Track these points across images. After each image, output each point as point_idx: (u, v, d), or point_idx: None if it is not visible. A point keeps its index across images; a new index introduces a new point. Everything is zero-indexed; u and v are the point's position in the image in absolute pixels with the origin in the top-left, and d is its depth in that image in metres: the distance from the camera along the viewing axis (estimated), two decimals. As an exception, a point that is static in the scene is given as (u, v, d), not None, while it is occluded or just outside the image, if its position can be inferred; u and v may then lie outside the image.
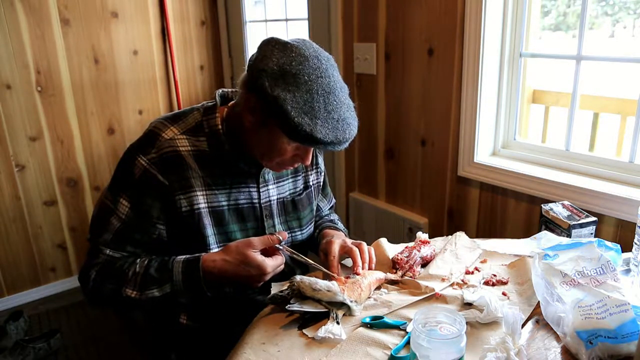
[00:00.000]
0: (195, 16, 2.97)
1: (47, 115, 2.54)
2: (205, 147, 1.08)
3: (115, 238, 1.07)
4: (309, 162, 1.08)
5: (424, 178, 2.11)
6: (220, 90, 1.14)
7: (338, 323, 0.95)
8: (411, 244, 1.23)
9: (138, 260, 1.07)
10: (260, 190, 1.16)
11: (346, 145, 1.01)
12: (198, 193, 1.07)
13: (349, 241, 1.15)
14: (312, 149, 1.05)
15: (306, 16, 2.46)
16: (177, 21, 2.89)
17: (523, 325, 0.94)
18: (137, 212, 1.06)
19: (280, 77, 0.93)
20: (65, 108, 2.59)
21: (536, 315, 0.98)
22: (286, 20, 2.70)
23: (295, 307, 0.97)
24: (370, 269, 1.11)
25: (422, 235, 1.27)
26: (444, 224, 2.07)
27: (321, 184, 1.35)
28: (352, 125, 1.00)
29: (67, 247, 2.76)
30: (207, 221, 1.09)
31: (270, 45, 0.97)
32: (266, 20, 2.89)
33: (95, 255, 1.08)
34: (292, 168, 1.14)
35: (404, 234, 2.19)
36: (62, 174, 2.66)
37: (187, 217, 1.07)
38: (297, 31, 2.64)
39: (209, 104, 1.13)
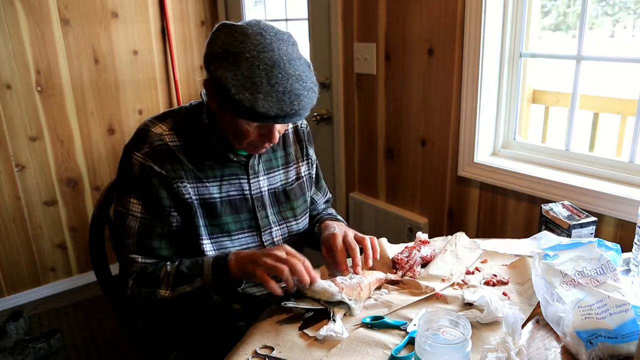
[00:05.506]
0: (195, 16, 2.97)
1: (47, 115, 2.54)
2: (193, 142, 1.11)
3: (139, 239, 1.08)
4: (276, 140, 1.07)
5: (424, 178, 2.11)
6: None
7: (334, 321, 0.95)
8: (411, 244, 1.23)
9: (169, 263, 1.09)
10: (251, 181, 1.17)
11: (299, 117, 1.00)
12: (188, 185, 1.09)
13: (350, 233, 1.14)
14: (277, 126, 1.05)
15: (306, 16, 2.46)
16: (177, 21, 2.89)
17: (523, 325, 0.94)
18: (149, 206, 1.08)
19: (224, 58, 0.96)
20: (65, 108, 2.59)
21: (536, 315, 0.98)
22: (286, 20, 2.69)
23: (291, 304, 0.97)
24: (374, 259, 1.11)
25: (422, 235, 1.27)
26: (444, 224, 2.07)
27: (313, 175, 1.35)
28: (302, 96, 0.98)
29: (67, 247, 2.76)
30: (199, 212, 1.11)
31: (218, 31, 1.01)
32: (266, 21, 2.88)
33: (129, 264, 1.09)
34: (265, 149, 1.12)
35: (404, 234, 2.19)
36: (62, 174, 2.66)
37: (185, 205, 1.09)
38: (297, 31, 2.64)
39: (196, 102, 1.16)
